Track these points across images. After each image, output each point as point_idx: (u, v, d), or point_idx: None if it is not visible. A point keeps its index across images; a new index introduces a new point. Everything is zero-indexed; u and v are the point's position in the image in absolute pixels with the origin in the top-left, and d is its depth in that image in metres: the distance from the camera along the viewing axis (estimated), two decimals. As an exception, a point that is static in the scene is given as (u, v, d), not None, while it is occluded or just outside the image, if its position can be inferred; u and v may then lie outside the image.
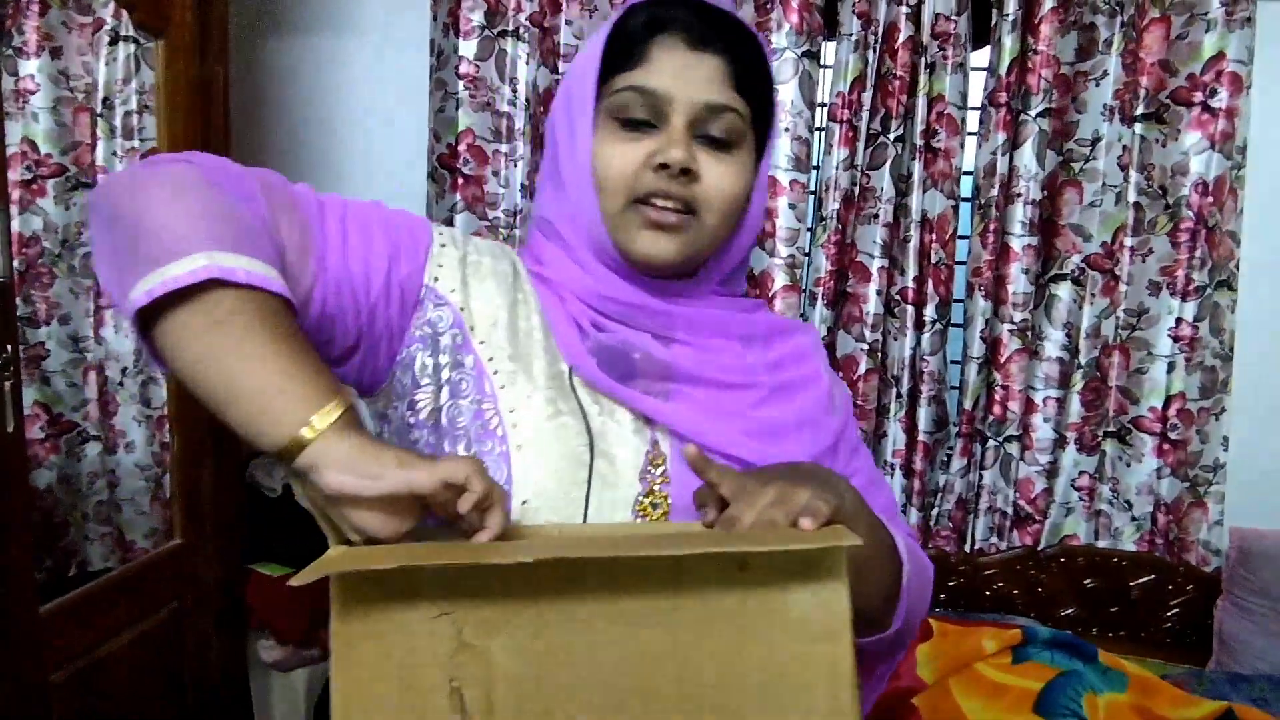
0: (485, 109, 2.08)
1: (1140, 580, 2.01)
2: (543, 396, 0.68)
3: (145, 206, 0.57)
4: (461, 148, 2.08)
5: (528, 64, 2.06)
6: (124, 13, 1.80)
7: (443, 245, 0.71)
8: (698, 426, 0.70)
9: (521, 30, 2.06)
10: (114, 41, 1.94)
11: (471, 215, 2.10)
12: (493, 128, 2.09)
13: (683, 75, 0.69)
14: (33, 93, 1.90)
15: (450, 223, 2.12)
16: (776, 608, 0.52)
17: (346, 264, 0.65)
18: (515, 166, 2.09)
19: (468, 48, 2.05)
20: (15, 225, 1.84)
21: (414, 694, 0.51)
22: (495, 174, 2.10)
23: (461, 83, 2.06)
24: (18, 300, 1.74)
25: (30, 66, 1.90)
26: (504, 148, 2.09)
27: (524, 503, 0.64)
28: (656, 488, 0.69)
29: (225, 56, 1.77)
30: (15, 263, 1.80)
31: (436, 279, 0.69)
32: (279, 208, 0.63)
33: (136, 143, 1.97)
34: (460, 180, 2.09)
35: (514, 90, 2.08)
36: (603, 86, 0.70)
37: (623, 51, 0.70)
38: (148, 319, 0.55)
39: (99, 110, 1.96)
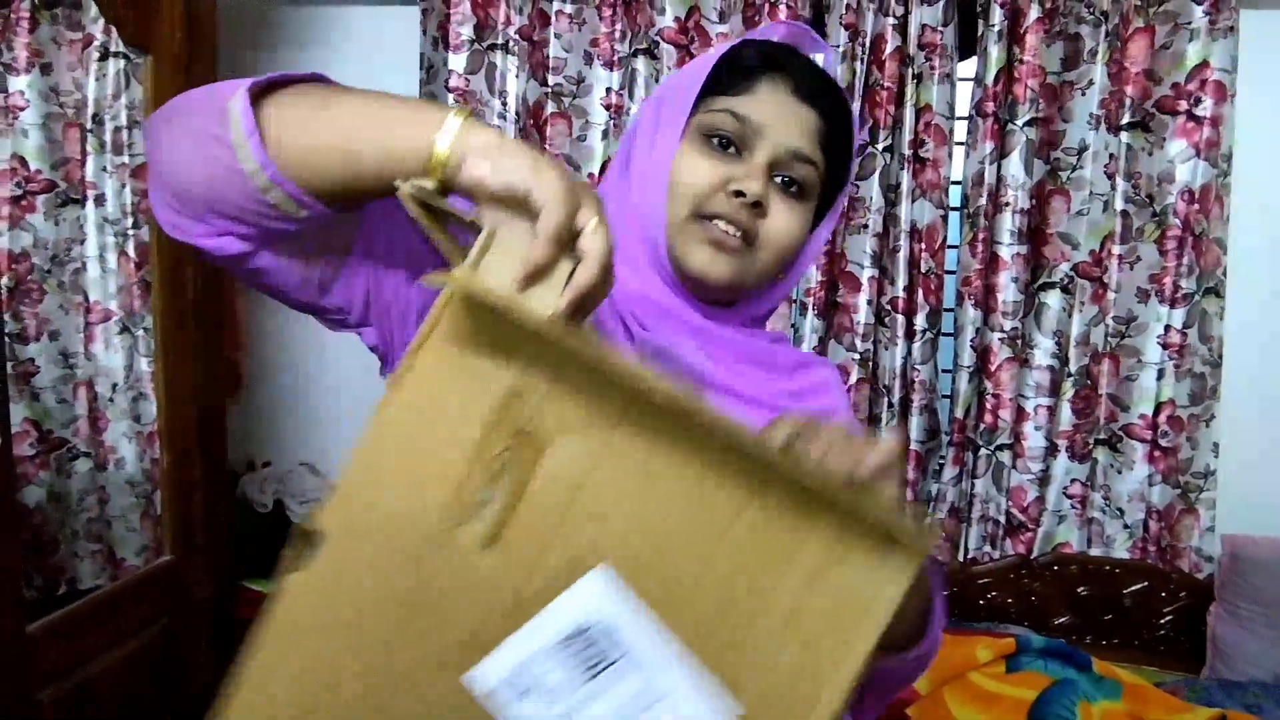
0: (475, 122, 2.08)
1: (1133, 588, 2.01)
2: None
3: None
4: (452, 161, 2.08)
5: (517, 77, 2.07)
6: (114, 29, 1.80)
7: None
8: None
9: (511, 44, 2.07)
10: (104, 57, 1.95)
11: (462, 228, 2.10)
12: (483, 141, 2.09)
13: (781, 116, 0.71)
14: (22, 109, 1.90)
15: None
16: (834, 562, 0.48)
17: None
18: (506, 179, 2.09)
19: (457, 61, 2.06)
20: (5, 241, 1.84)
21: (455, 448, 0.48)
22: (486, 187, 2.11)
23: (451, 96, 2.06)
24: (7, 316, 1.74)
25: (20, 82, 1.90)
26: (494, 161, 2.10)
27: None
28: None
29: (215, 72, 1.78)
30: (4, 279, 1.79)
31: None
32: None
33: (126, 158, 1.97)
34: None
35: (504, 103, 2.08)
36: (700, 103, 0.73)
37: (730, 77, 0.72)
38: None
39: (89, 126, 1.96)
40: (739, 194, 0.70)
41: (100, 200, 1.98)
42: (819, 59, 0.77)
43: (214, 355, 1.82)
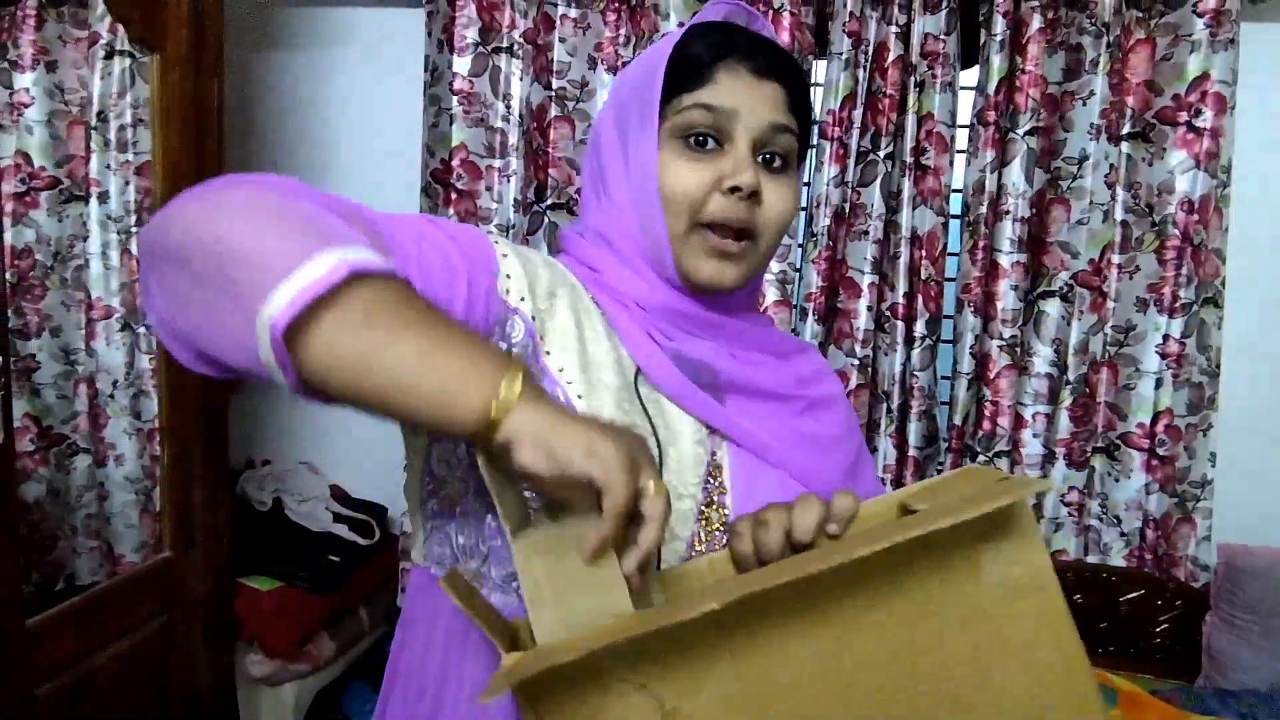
0: (479, 124, 2.09)
1: (1129, 596, 2.02)
2: (614, 403, 0.68)
3: (228, 228, 0.50)
4: (455, 163, 2.09)
5: (521, 80, 2.08)
6: (120, 28, 1.81)
7: (504, 255, 0.69)
8: (757, 439, 0.72)
9: (515, 47, 2.07)
10: (109, 56, 1.96)
11: (464, 230, 2.11)
12: (486, 143, 2.10)
13: (749, 97, 0.71)
14: (27, 106, 1.91)
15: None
16: (972, 576, 0.51)
17: (429, 282, 0.62)
18: (509, 182, 2.10)
19: (462, 64, 2.07)
20: (8, 237, 1.84)
21: None
22: (488, 189, 2.11)
23: (455, 98, 2.07)
24: (8, 312, 1.74)
25: (25, 79, 1.91)
26: (497, 163, 2.11)
27: None
28: (716, 497, 0.71)
29: (221, 71, 1.78)
30: (7, 274, 1.80)
31: (507, 290, 0.67)
32: (350, 218, 0.58)
33: (130, 156, 1.98)
34: (454, 195, 2.10)
35: (508, 106, 2.09)
36: (663, 107, 0.71)
37: (686, 73, 0.71)
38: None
39: (93, 124, 1.97)
40: (735, 189, 0.69)
41: (104, 197, 1.98)
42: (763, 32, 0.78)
43: (216, 353, 1.82)
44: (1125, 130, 1.96)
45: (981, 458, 2.07)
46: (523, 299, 0.67)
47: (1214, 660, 1.89)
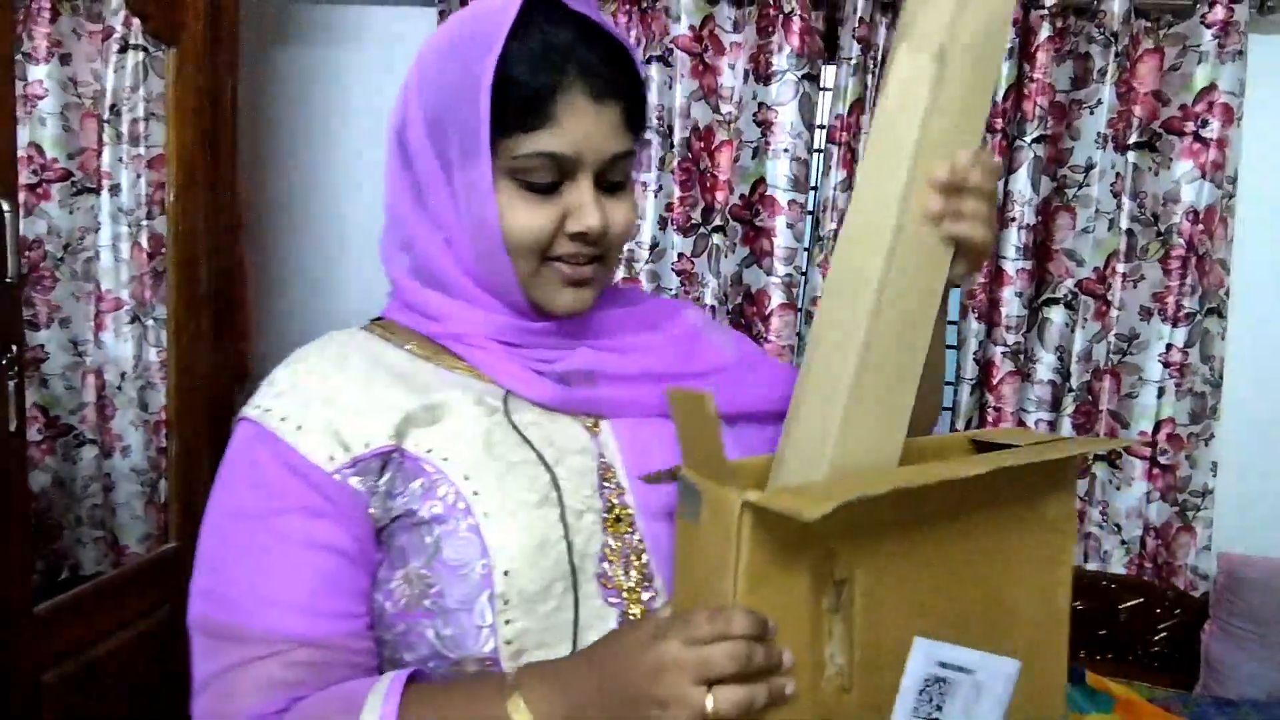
0: (489, 124, 2.10)
1: (1129, 603, 2.02)
2: (485, 449, 0.66)
3: None
4: (464, 161, 2.10)
5: (532, 80, 2.09)
6: (134, 21, 1.82)
7: (299, 428, 0.65)
8: (636, 404, 0.72)
9: (526, 47, 2.08)
10: (123, 49, 1.97)
11: (473, 228, 2.12)
12: (496, 142, 2.11)
13: (592, 133, 0.65)
14: (41, 98, 1.93)
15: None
16: (1039, 511, 0.66)
17: (351, 583, 0.65)
18: (517, 181, 2.11)
19: (473, 63, 2.07)
20: (20, 228, 1.85)
21: (797, 626, 0.54)
22: (497, 188, 2.12)
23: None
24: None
25: (39, 72, 1.92)
26: (506, 162, 2.11)
27: (505, 573, 0.62)
28: (615, 500, 0.69)
29: (235, 67, 1.79)
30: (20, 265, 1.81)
31: (332, 458, 0.64)
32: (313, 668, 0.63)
33: (143, 150, 1.99)
34: (462, 193, 2.11)
35: (518, 106, 2.10)
36: (496, 143, 0.65)
37: (520, 106, 0.64)
38: None
39: (106, 117, 1.98)
40: (581, 234, 0.67)
41: (115, 190, 2.00)
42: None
43: (224, 346, 1.84)
44: (1132, 139, 1.97)
45: (983, 463, 2.08)
46: (347, 448, 0.64)
47: (1212, 669, 1.90)
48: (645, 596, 0.67)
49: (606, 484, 0.69)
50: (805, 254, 2.10)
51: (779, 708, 0.52)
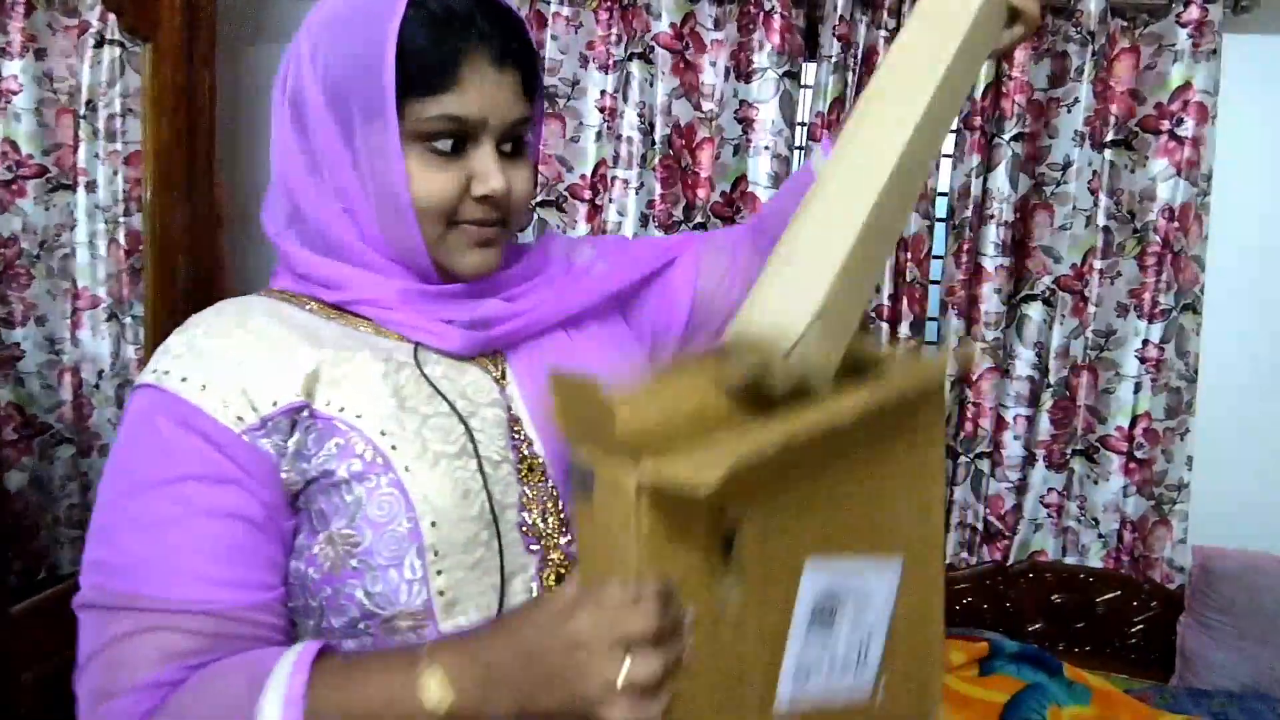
0: (470, 120, 2.09)
1: (1106, 596, 2.05)
2: (398, 404, 0.66)
3: None
4: (445, 158, 2.09)
5: (513, 77, 2.08)
6: (110, 16, 1.81)
7: (204, 387, 0.63)
8: (532, 327, 0.74)
9: (507, 44, 2.08)
10: (99, 45, 1.95)
11: (454, 225, 2.12)
12: (477, 139, 2.11)
13: (494, 97, 0.67)
14: (15, 93, 1.90)
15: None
16: (910, 431, 0.67)
17: (262, 551, 0.63)
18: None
19: (454, 60, 2.07)
20: (-5, 224, 1.84)
21: (692, 571, 0.55)
22: (478, 185, 2.12)
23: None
24: (-5, 300, 1.74)
25: (14, 67, 1.90)
26: (488, 159, 2.11)
27: (433, 524, 0.63)
28: (526, 450, 0.71)
29: (212, 62, 1.78)
30: (-5, 262, 1.79)
31: (240, 418, 0.63)
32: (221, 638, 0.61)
33: (119, 146, 1.97)
34: (443, 190, 2.10)
35: (499, 103, 2.10)
36: (401, 105, 0.65)
37: (422, 70, 0.65)
38: None
39: (82, 112, 1.96)
40: (485, 196, 0.68)
41: (91, 187, 1.98)
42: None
43: (203, 344, 1.83)
44: (1109, 137, 1.99)
45: (963, 458, 2.09)
46: (255, 408, 0.63)
47: (1187, 660, 1.92)
48: (563, 541, 0.69)
49: (515, 435, 0.71)
50: (786, 251, 2.11)
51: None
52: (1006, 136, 1.98)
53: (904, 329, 2.06)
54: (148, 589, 0.60)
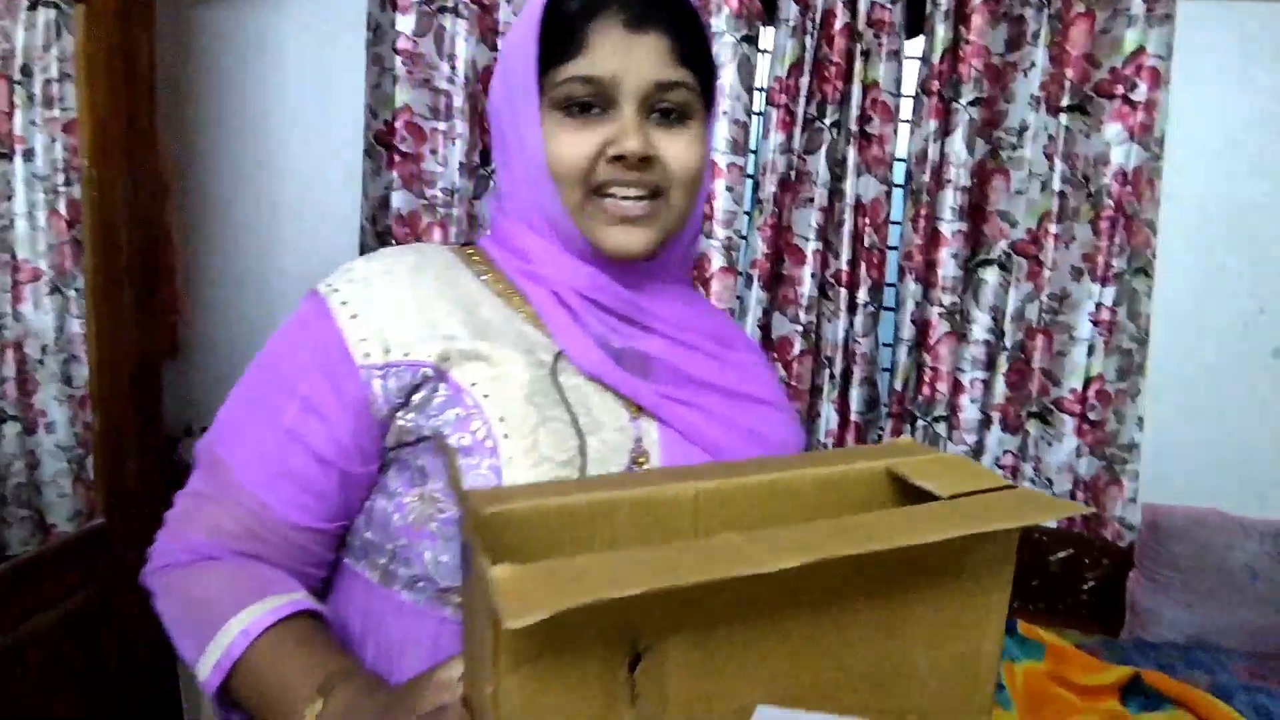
0: (423, 85, 2.05)
1: (1059, 555, 2.09)
2: (525, 398, 0.66)
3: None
4: (399, 124, 2.05)
5: (466, 41, 2.04)
6: (43, -24, 1.73)
7: (354, 316, 0.67)
8: (687, 419, 0.71)
9: (460, 6, 2.03)
10: (33, 6, 1.87)
11: (408, 193, 2.08)
12: (431, 105, 2.06)
13: (627, 58, 0.66)
14: (-56, 58, 1.82)
15: (386, 202, 2.09)
16: (955, 577, 0.51)
17: (317, 483, 0.67)
18: (454, 144, 2.07)
19: (405, 23, 2.02)
20: (-74, 196, 1.76)
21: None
22: (433, 152, 2.08)
23: (399, 58, 2.03)
24: (-72, 273, 1.68)
25: (-59, 30, 1.81)
26: (442, 125, 2.07)
27: None
28: None
29: (150, 25, 1.72)
30: (-74, 235, 1.73)
31: (367, 355, 0.66)
32: (226, 532, 0.68)
33: (57, 113, 1.89)
34: (397, 158, 2.06)
35: (453, 67, 2.06)
36: (544, 78, 0.68)
37: (559, 38, 0.67)
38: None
39: (17, 78, 1.88)
40: (619, 158, 0.67)
41: (29, 155, 1.90)
42: None
43: (149, 317, 1.78)
44: (1064, 102, 2.00)
45: (921, 422, 2.11)
46: (388, 350, 0.66)
47: (1137, 615, 1.97)
48: None
49: (638, 464, 0.69)
50: (745, 217, 2.10)
51: None
52: (964, 101, 1.98)
53: (862, 294, 2.07)
54: (233, 465, 0.68)
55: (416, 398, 0.66)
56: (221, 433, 0.70)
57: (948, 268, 2.04)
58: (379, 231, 2.12)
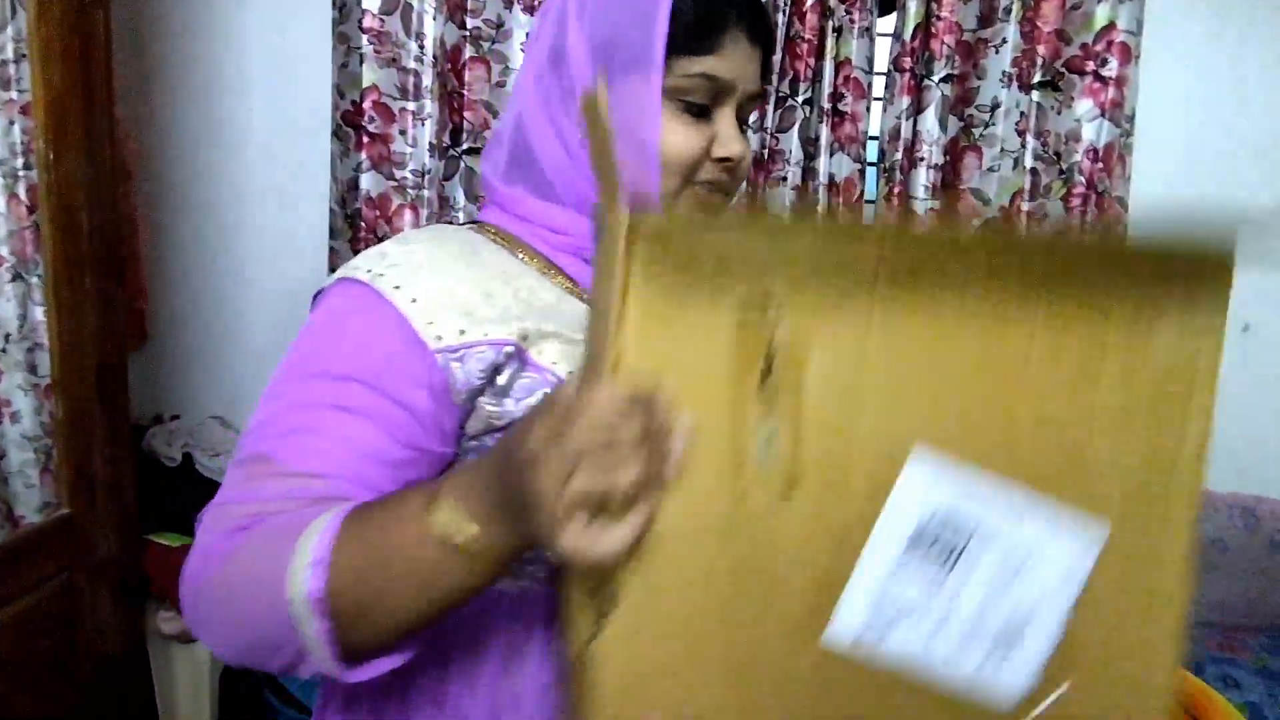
0: (391, 65, 2.02)
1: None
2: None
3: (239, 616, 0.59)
4: (366, 105, 2.02)
5: (434, 19, 2.00)
6: (-7, -47, 1.68)
7: (414, 300, 0.65)
8: None
9: (427, -16, 2.00)
10: (-14, -16, 1.82)
11: (377, 175, 2.05)
12: (399, 85, 2.03)
13: (744, 68, 0.72)
14: (-106, 38, 1.77)
15: (355, 184, 2.06)
16: (1142, 344, 0.45)
17: (394, 459, 0.64)
18: (423, 125, 2.04)
19: (371, 1, 1.98)
20: (-123, 181, 1.72)
21: (709, 408, 0.39)
22: (402, 132, 2.05)
23: (365, 37, 1.99)
24: (-119, 261, 1.64)
25: (-109, 10, 1.76)
26: (411, 105, 2.04)
27: None
28: None
29: (107, 3, 1.67)
30: (-123, 221, 1.69)
31: (440, 337, 0.65)
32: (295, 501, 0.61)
33: (14, 95, 1.84)
34: (365, 139, 2.03)
35: (421, 46, 2.02)
36: (666, 58, 0.69)
37: (692, 32, 0.69)
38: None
39: (-30, 59, 1.84)
40: (727, 159, 0.72)
41: (-15, 138, 1.86)
42: None
43: (113, 304, 1.75)
44: (1036, 79, 1.99)
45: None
46: (463, 331, 0.65)
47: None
48: None
49: None
50: (719, 197, 2.09)
51: (672, 497, 0.39)
52: (936, 78, 1.97)
53: (837, 274, 2.07)
54: (284, 455, 0.62)
55: (500, 380, 0.66)
56: (262, 434, 0.64)
57: (921, 246, 2.04)
58: (349, 214, 2.09)
